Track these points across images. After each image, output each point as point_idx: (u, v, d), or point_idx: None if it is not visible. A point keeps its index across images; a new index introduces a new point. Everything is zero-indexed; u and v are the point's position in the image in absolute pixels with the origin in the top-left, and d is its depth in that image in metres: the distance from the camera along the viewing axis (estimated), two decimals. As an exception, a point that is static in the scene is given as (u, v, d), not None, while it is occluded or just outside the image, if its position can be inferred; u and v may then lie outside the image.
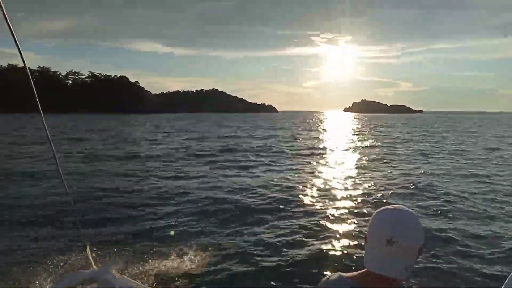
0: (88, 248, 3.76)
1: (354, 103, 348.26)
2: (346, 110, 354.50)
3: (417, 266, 5.91)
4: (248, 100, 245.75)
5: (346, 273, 1.42)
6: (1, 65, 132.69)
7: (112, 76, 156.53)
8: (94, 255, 4.10)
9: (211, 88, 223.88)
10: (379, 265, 1.27)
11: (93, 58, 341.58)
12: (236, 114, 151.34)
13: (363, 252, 1.34)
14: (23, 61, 3.78)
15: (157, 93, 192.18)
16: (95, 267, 3.93)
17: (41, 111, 3.97)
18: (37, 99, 3.84)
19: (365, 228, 1.33)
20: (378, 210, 1.39)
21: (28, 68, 3.55)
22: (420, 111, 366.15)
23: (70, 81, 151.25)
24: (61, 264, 4.73)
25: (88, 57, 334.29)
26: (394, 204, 1.39)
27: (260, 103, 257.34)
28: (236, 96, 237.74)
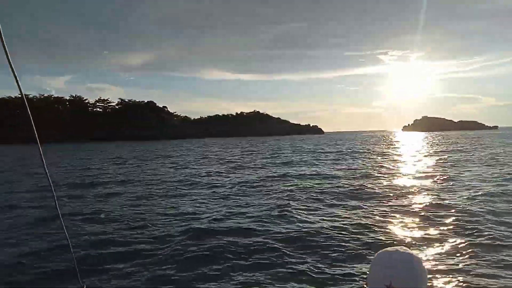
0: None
1: (416, 120, 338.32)
2: (405, 129, 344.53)
3: None
4: (291, 121, 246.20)
5: None
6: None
7: (140, 102, 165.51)
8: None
9: (252, 111, 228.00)
10: None
11: (166, 88, 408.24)
12: (274, 137, 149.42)
13: None
14: (20, 91, 4.16)
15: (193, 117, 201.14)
16: None
17: (38, 141, 4.34)
18: (34, 129, 4.19)
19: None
20: (376, 253, 1.45)
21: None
22: (495, 127, 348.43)
23: (99, 109, 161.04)
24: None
25: (162, 87, 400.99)
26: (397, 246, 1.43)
27: (304, 124, 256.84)
28: (278, 118, 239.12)
